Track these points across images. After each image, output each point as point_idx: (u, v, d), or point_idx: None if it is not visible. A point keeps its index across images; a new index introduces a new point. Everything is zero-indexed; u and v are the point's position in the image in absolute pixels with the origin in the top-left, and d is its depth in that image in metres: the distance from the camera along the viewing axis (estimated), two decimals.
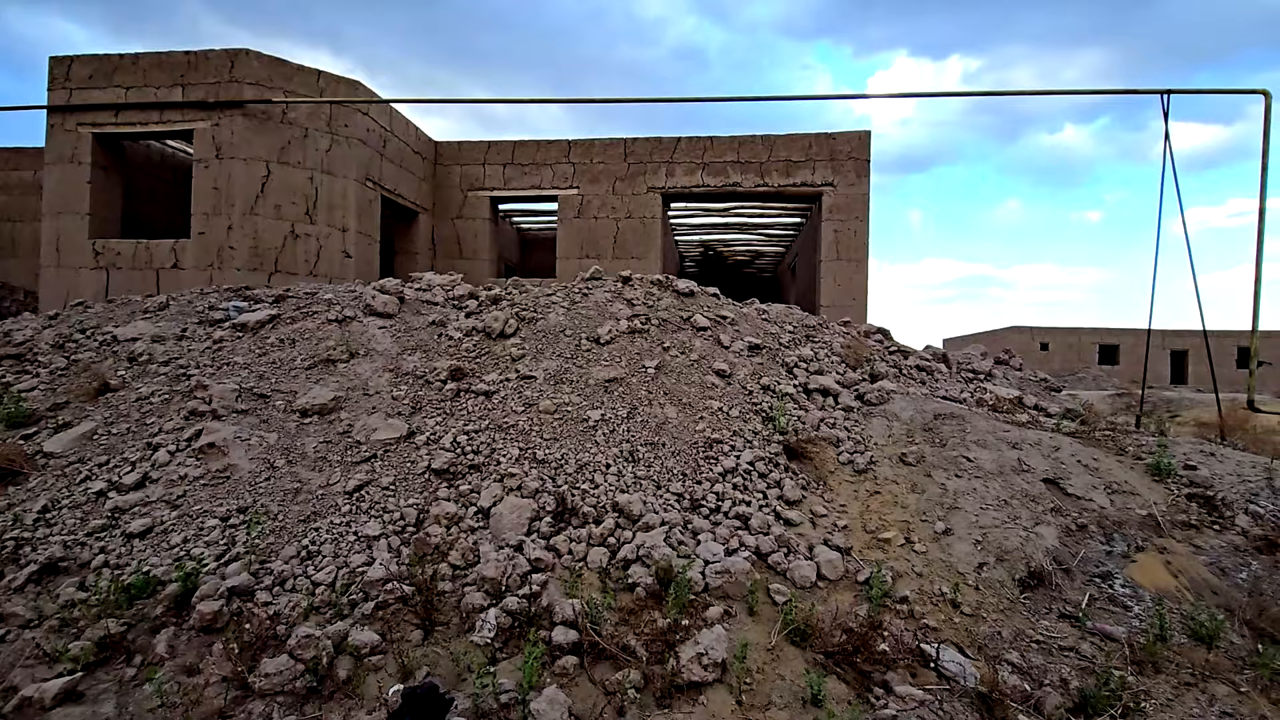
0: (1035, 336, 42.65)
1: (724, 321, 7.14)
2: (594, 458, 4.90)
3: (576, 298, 7.25)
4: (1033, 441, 5.56)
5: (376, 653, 3.23)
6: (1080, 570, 4.36)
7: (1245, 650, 3.76)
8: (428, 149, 13.61)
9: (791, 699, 3.06)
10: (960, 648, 3.62)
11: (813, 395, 6.33)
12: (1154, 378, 42.03)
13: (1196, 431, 7.28)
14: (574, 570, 3.97)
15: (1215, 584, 4.32)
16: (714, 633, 3.21)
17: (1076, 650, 3.69)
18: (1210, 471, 5.48)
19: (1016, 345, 42.99)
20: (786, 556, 4.17)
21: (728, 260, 24.75)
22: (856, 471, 5.25)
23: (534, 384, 5.70)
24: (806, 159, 12.93)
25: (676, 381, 5.92)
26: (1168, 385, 41.32)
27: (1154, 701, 3.34)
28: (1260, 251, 8.07)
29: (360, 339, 6.26)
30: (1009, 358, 11.84)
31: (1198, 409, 15.20)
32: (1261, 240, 8.07)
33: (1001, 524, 4.62)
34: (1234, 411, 7.05)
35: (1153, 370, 43.17)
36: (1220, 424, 7.59)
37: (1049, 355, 41.60)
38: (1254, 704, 3.34)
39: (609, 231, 13.35)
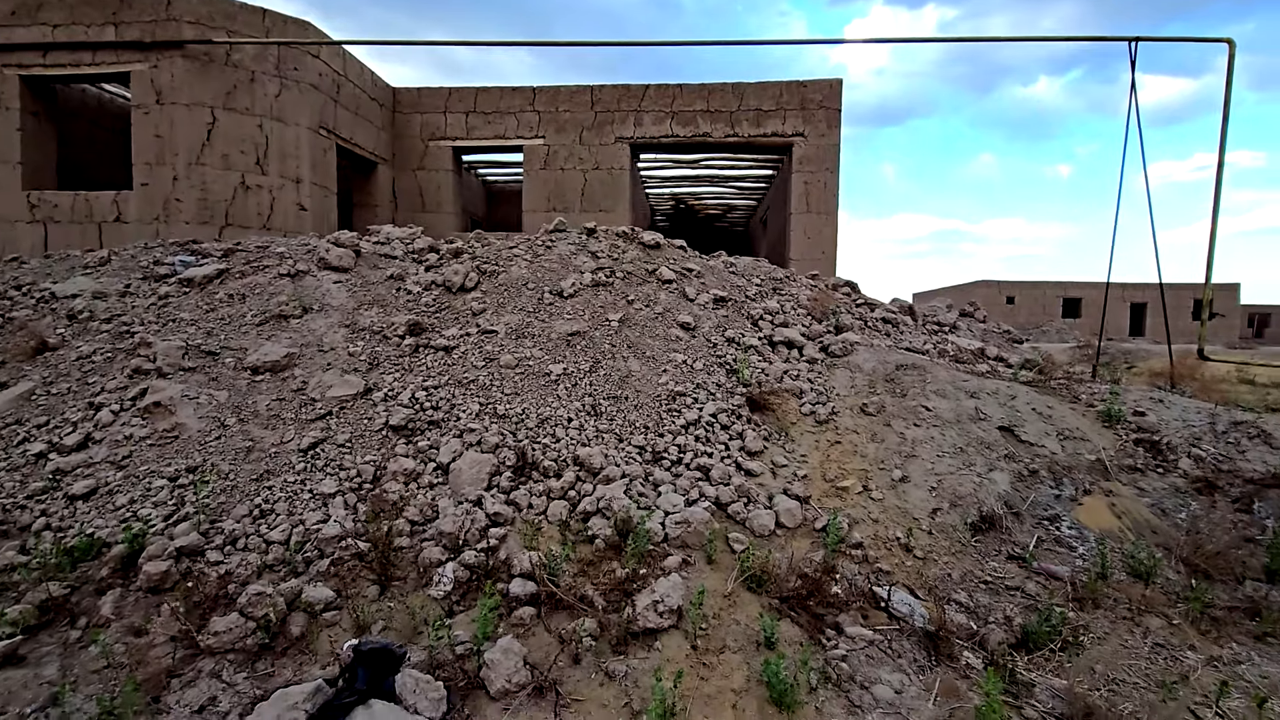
0: (1002, 290, 43.39)
1: (690, 274, 7.06)
2: (555, 412, 4.86)
3: (540, 250, 7.09)
4: (990, 391, 5.66)
5: (331, 609, 3.21)
6: (1030, 513, 4.49)
7: (1180, 586, 3.93)
8: (385, 96, 13.03)
9: (746, 642, 3.12)
10: (911, 589, 3.73)
11: (777, 347, 6.33)
12: (1113, 330, 43.22)
13: (1149, 380, 7.49)
14: (534, 524, 3.97)
15: (1156, 524, 4.50)
16: (670, 581, 3.24)
17: (1022, 589, 3.82)
18: (1158, 418, 5.66)
19: (984, 299, 43.71)
20: (746, 506, 4.22)
21: (699, 214, 24.48)
22: (818, 422, 5.29)
23: (495, 338, 5.60)
24: (777, 108, 12.68)
25: (640, 334, 5.86)
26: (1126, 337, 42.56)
27: (1092, 635, 3.48)
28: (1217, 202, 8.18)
29: (314, 294, 6.05)
30: (973, 310, 12.01)
31: (1154, 359, 15.68)
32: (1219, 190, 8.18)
33: (957, 471, 4.72)
34: (1184, 361, 7.26)
35: (1113, 323, 44.37)
36: (1171, 373, 7.82)
37: (1015, 309, 42.38)
38: (1184, 635, 3.51)
39: (576, 183, 13.04)
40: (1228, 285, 44.75)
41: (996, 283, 44.31)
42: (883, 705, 2.80)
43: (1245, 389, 9.19)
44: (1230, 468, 5.01)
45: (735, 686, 2.82)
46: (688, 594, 3.30)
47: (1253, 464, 5.00)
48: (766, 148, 13.08)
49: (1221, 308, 44.06)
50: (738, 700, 2.74)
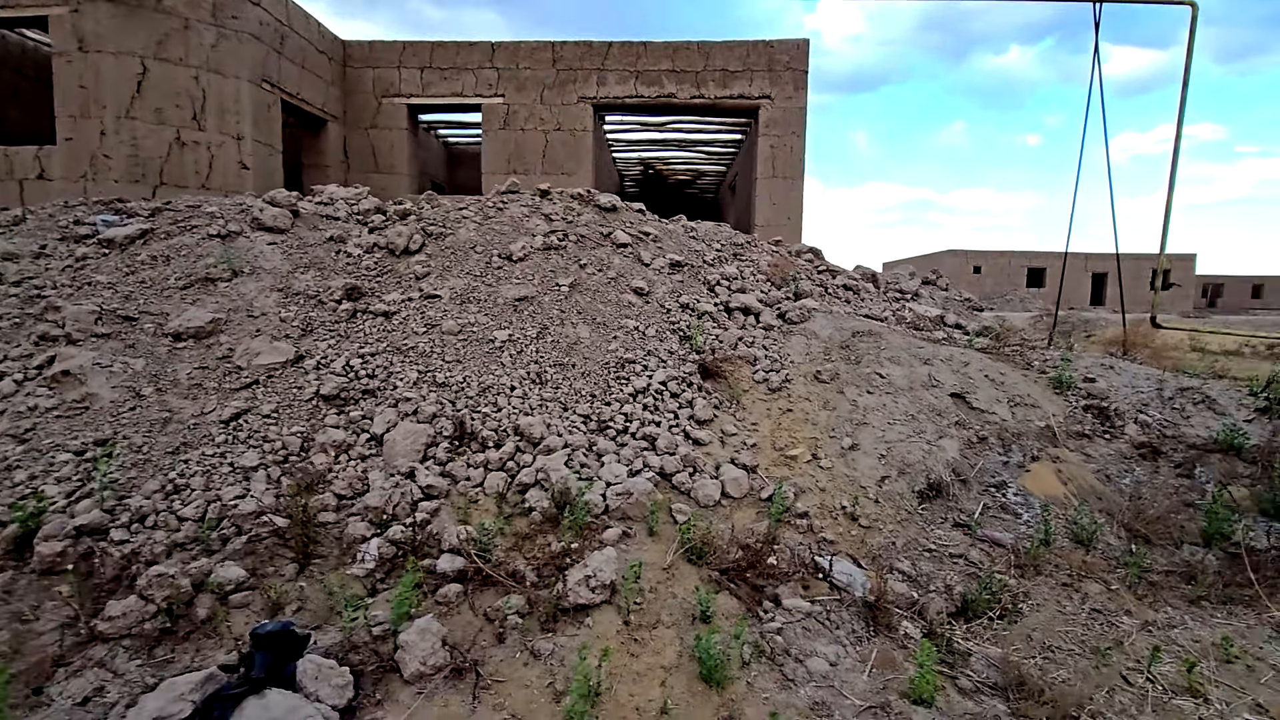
0: (969, 260, 43.89)
1: (646, 238, 6.85)
2: (498, 380, 4.67)
3: (490, 212, 6.79)
4: (944, 357, 5.61)
5: (243, 589, 3.02)
6: (977, 480, 4.46)
7: (1120, 551, 3.95)
8: (335, 49, 12.36)
9: (681, 616, 3.03)
10: (855, 559, 3.67)
11: (734, 314, 6.19)
12: (1075, 299, 44.13)
13: (1103, 348, 7.55)
14: (470, 497, 3.81)
15: (1100, 490, 4.51)
16: (604, 555, 3.11)
17: (965, 557, 3.79)
18: (1107, 384, 5.68)
19: (951, 268, 44.20)
20: (691, 476, 4.11)
21: (668, 180, 24.08)
22: (771, 390, 5.19)
23: (439, 303, 5.35)
24: (744, 69, 12.35)
25: (592, 300, 5.66)
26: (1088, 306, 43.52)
27: (1031, 602, 3.47)
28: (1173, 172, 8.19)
29: (246, 256, 5.71)
30: (936, 278, 12.00)
31: (1113, 328, 15.99)
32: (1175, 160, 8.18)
33: (906, 438, 4.67)
34: (1136, 329, 7.32)
35: (1075, 292, 45.30)
36: (1124, 340, 7.89)
37: (981, 278, 42.92)
38: (1121, 600, 3.51)
39: (538, 144, 12.61)
40: (1184, 256, 45.80)
41: (964, 252, 44.78)
42: (816, 678, 2.73)
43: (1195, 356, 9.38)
44: (1175, 433, 5.05)
45: (666, 663, 2.72)
46: (621, 567, 3.18)
47: (1196, 429, 5.05)
48: (733, 110, 12.77)
49: (1178, 278, 45.21)
50: (667, 677, 2.65)
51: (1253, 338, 7.77)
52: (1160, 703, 2.74)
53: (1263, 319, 29.66)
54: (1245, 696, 2.82)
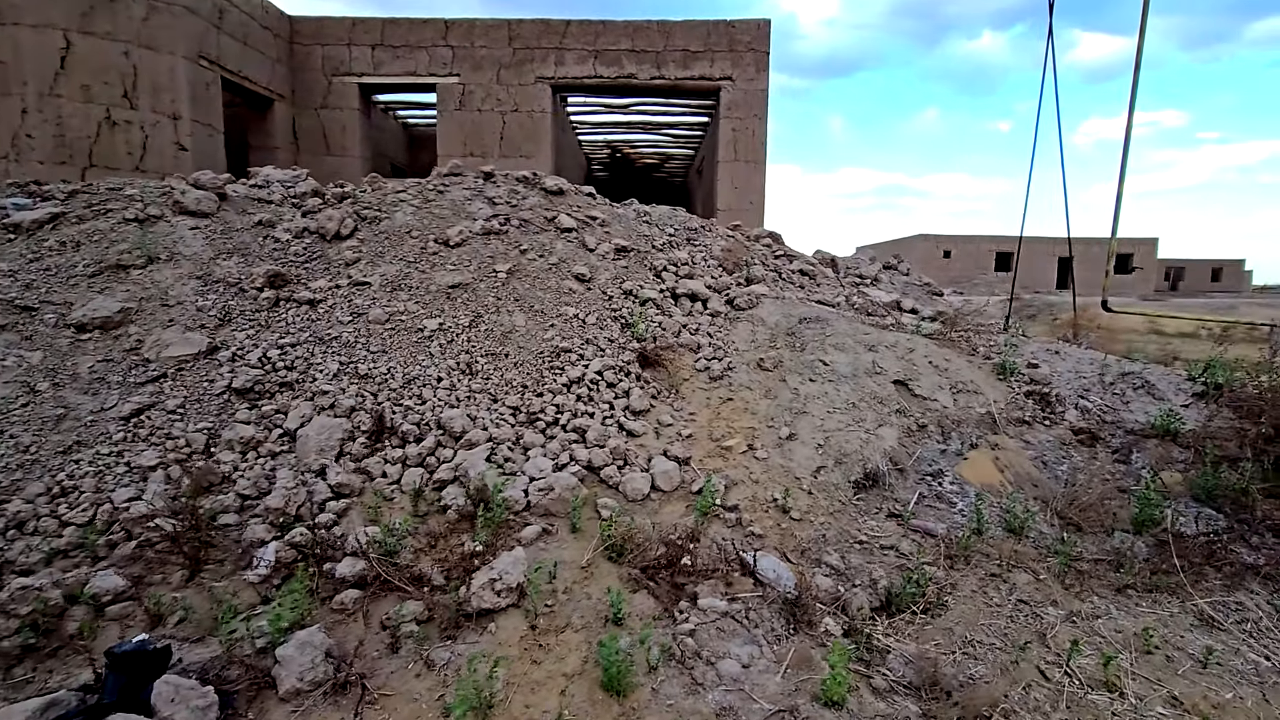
0: (939, 244, 44.27)
1: (593, 223, 6.66)
2: (425, 371, 4.48)
3: (431, 195, 6.54)
4: (889, 344, 5.54)
5: (123, 600, 2.82)
6: (914, 469, 4.40)
7: (1052, 539, 3.91)
8: (280, 25, 11.86)
9: (594, 619, 2.91)
10: (784, 553, 3.58)
11: (680, 300, 6.05)
12: (1041, 283, 44.83)
13: (1051, 332, 7.56)
14: (385, 494, 3.64)
15: (1037, 477, 4.48)
16: (512, 556, 2.97)
17: (897, 549, 3.72)
18: (1051, 370, 5.66)
19: (921, 253, 44.56)
20: (621, 469, 3.97)
21: (636, 164, 23.80)
22: (712, 378, 5.07)
23: (368, 291, 5.13)
24: (705, 49, 12.12)
25: (531, 287, 5.48)
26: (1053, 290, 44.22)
27: (958, 594, 3.41)
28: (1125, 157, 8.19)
29: (164, 241, 5.41)
30: (897, 263, 11.98)
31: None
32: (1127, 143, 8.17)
33: (845, 427, 4.59)
34: (1084, 313, 7.34)
35: (1041, 276, 46.00)
36: (1075, 325, 7.93)
37: (951, 262, 43.33)
38: (1048, 590, 3.47)
39: (495, 126, 12.28)
40: (1147, 240, 46.66)
41: (934, 237, 45.16)
42: (726, 681, 2.63)
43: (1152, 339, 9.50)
44: (1114, 419, 5.04)
45: (569, 670, 2.60)
46: (529, 569, 3.05)
47: (1135, 415, 5.05)
48: (694, 91, 12.55)
49: (1141, 262, 46.14)
50: (568, 685, 2.53)
51: (1203, 320, 7.86)
52: (1076, 698, 2.69)
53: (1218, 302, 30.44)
54: (1162, 689, 2.79)
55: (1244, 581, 3.62)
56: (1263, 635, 3.21)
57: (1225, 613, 3.36)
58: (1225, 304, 28.88)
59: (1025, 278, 44.31)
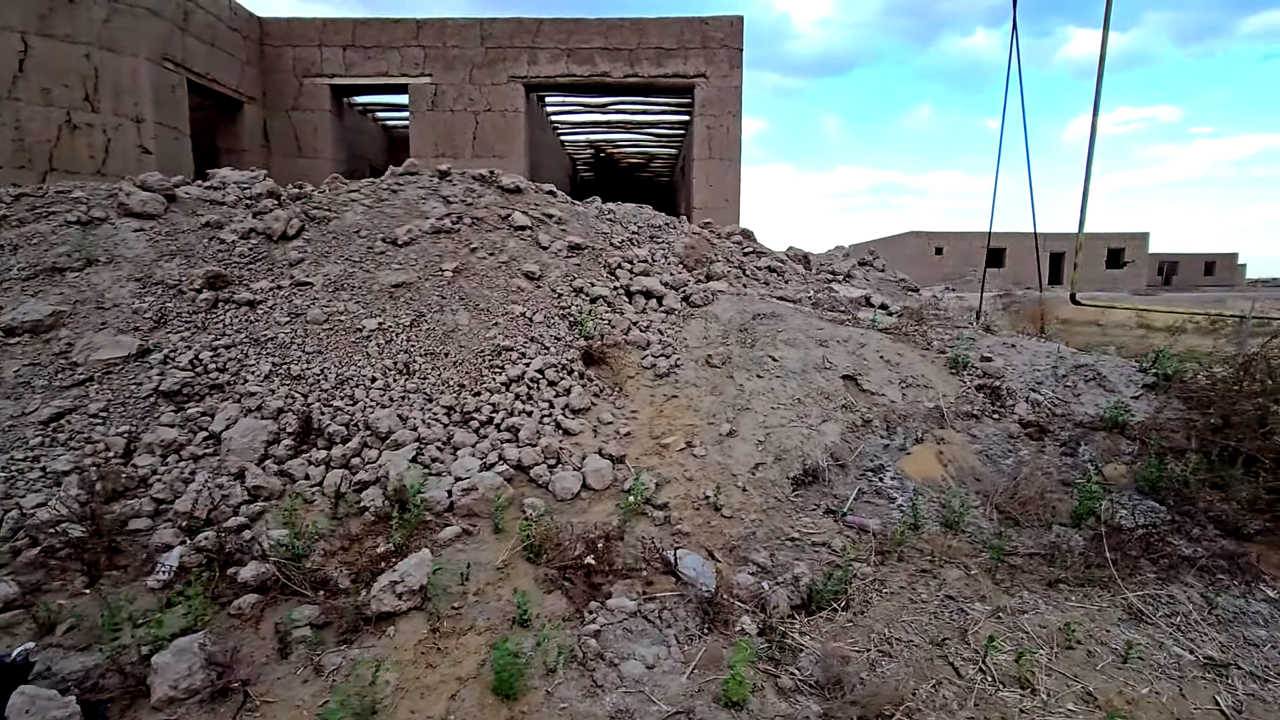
0: (931, 241, 44.24)
1: (549, 220, 6.60)
2: (360, 371, 4.42)
3: (384, 195, 6.48)
4: (842, 339, 5.49)
5: (12, 608, 2.76)
6: (856, 465, 4.35)
7: (989, 534, 3.86)
8: (250, 26, 11.79)
9: (500, 621, 2.85)
10: (711, 551, 3.52)
11: (635, 297, 5.99)
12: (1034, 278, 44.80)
13: (1013, 325, 7.51)
14: (306, 497, 3.58)
15: (981, 471, 4.43)
16: (417, 558, 2.91)
17: (829, 545, 3.66)
18: (1005, 363, 5.61)
19: (913, 250, 44.56)
20: (551, 468, 3.92)
21: (621, 164, 23.76)
22: (658, 376, 5.01)
23: (309, 291, 5.06)
24: (679, 46, 12.07)
25: (479, 285, 5.42)
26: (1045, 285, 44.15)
27: (886, 590, 3.35)
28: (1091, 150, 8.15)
29: (105, 244, 5.34)
30: (873, 259, 11.94)
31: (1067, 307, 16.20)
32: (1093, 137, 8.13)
33: (788, 423, 4.53)
34: (1042, 305, 7.31)
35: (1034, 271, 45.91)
36: (1040, 318, 7.89)
37: (943, 259, 43.25)
38: (978, 586, 3.42)
39: (467, 126, 12.22)
40: (1138, 234, 46.68)
41: (925, 234, 45.15)
42: (627, 683, 2.57)
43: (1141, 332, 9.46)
44: (1064, 411, 5.00)
45: (464, 674, 2.54)
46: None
47: (1085, 407, 5.00)
48: (668, 89, 12.50)
49: (1132, 256, 46.15)
50: (460, 690, 2.46)
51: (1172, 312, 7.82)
52: (985, 696, 2.64)
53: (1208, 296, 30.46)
54: (1076, 685, 2.73)
55: (1179, 574, 3.57)
56: (1190, 629, 3.16)
57: (1155, 606, 3.30)
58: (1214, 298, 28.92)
59: (1019, 274, 44.35)
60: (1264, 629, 3.20)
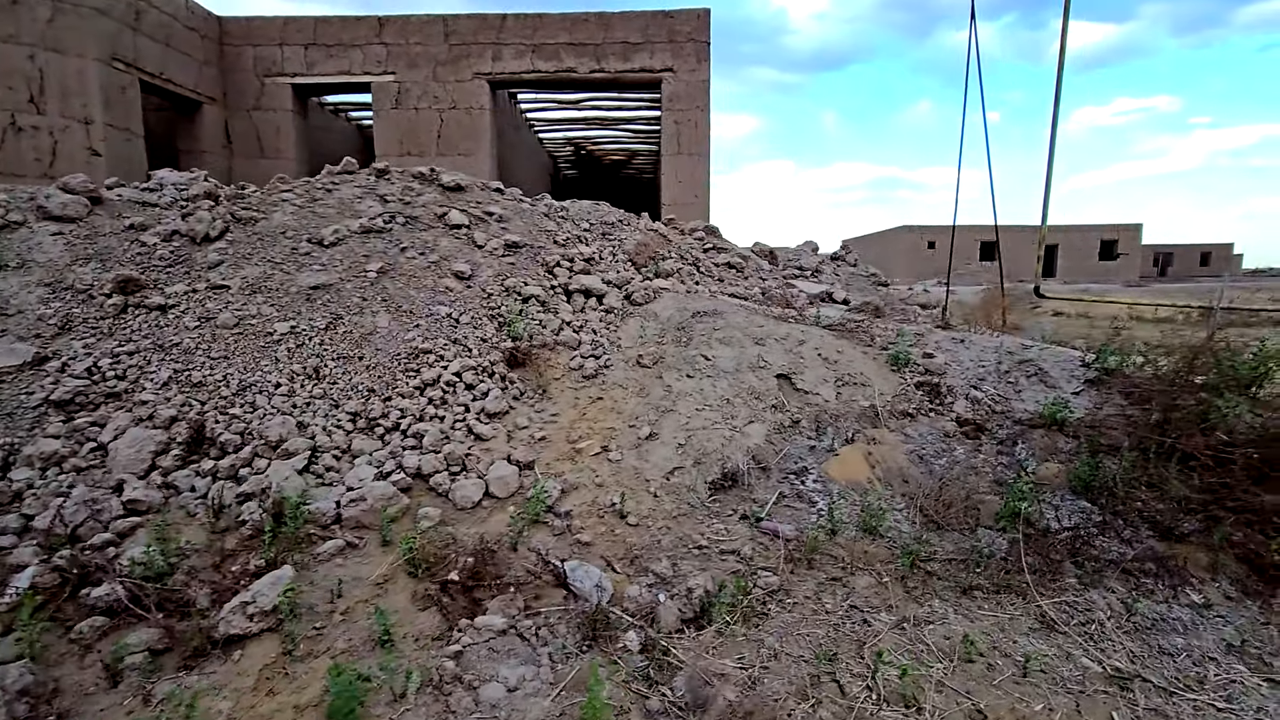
0: (923, 235, 44.07)
1: (489, 218, 6.44)
2: (265, 377, 4.26)
3: (318, 194, 6.32)
4: (780, 336, 5.33)
5: None
6: (779, 468, 4.19)
7: (911, 538, 3.71)
8: (208, 25, 11.61)
9: (362, 641, 2.69)
10: (609, 562, 3.37)
11: (574, 296, 5.83)
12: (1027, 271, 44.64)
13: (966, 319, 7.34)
14: (189, 510, 3.42)
15: (911, 472, 4.27)
16: (274, 575, 2.76)
17: (739, 553, 3.51)
18: (951, 359, 5.45)
19: (906, 245, 44.40)
20: (453, 476, 3.76)
21: (604, 161, 23.58)
22: (585, 377, 4.86)
23: (224, 295, 4.90)
24: (645, 40, 11.89)
25: (404, 286, 5.26)
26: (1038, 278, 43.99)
27: (789, 600, 3.20)
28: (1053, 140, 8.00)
29: (18, 248, 5.18)
30: (845, 254, 11.79)
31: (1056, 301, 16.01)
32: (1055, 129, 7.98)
33: (711, 425, 4.37)
34: (993, 298, 7.15)
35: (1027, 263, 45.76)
36: (1004, 311, 7.74)
37: (936, 253, 43.01)
38: (888, 594, 3.26)
39: (432, 124, 12.05)
40: (1131, 226, 46.53)
41: (918, 228, 44.97)
42: (484, 708, 2.42)
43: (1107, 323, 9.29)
44: (1004, 409, 4.84)
45: (305, 701, 2.38)
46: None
47: (1026, 404, 4.84)
48: (635, 84, 12.33)
49: (1125, 248, 45.99)
50: (297, 718, 2.31)
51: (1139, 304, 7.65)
52: (866, 715, 2.48)
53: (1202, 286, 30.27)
54: (967, 701, 2.58)
55: (1103, 579, 3.42)
56: (1104, 638, 3.00)
57: (1070, 614, 3.15)
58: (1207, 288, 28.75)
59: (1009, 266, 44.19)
60: (1182, 637, 3.05)
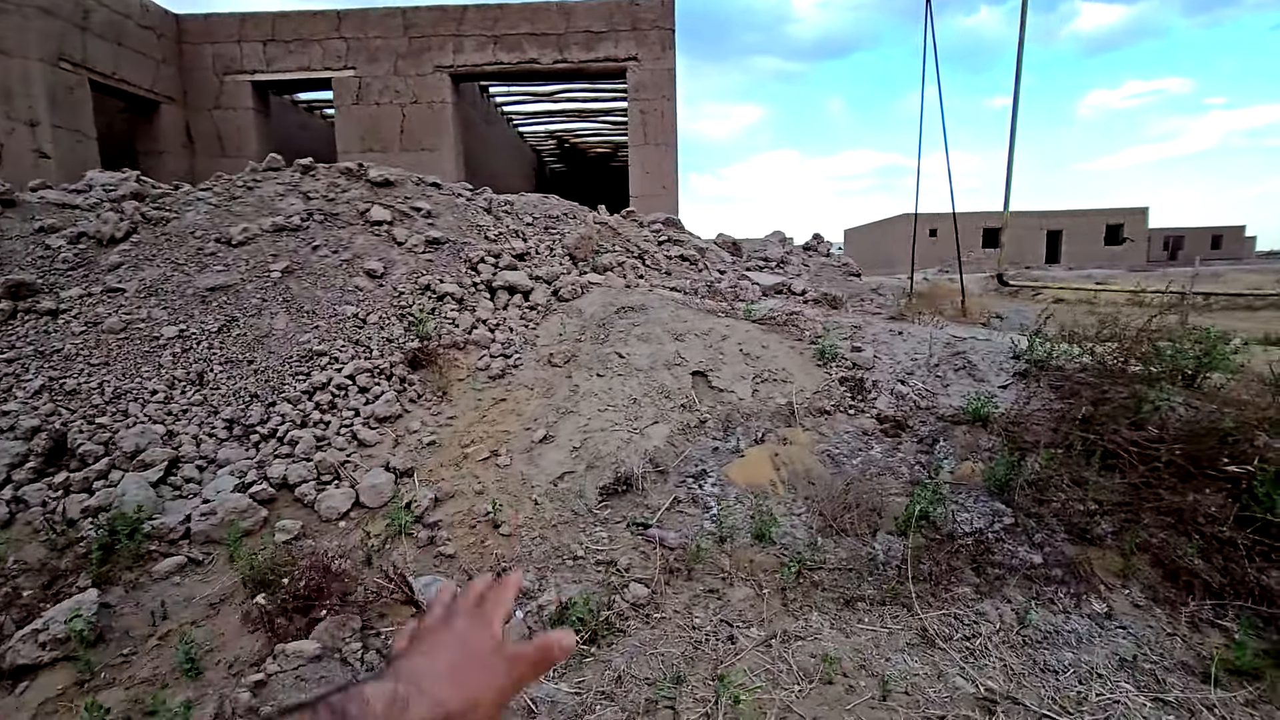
0: (924, 223, 43.43)
1: (416, 214, 6.24)
2: (143, 384, 4.09)
3: (238, 192, 6.15)
4: (702, 331, 5.11)
5: None
6: (679, 471, 3.98)
7: (805, 545, 3.49)
8: (165, 24, 11.45)
9: (172, 669, 2.51)
10: (472, 575, 3.17)
11: (497, 293, 5.63)
12: (1032, 257, 44.06)
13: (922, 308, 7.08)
14: (35, 526, 3.26)
15: (819, 473, 4.05)
16: (76, 600, 2.58)
17: (615, 564, 3.31)
18: (885, 351, 5.21)
19: (906, 232, 43.75)
20: (321, 486, 3.58)
21: (589, 154, 23.33)
22: (491, 377, 4.66)
23: (119, 298, 4.74)
24: (609, 29, 11.63)
25: (311, 286, 5.08)
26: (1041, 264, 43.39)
27: (658, 615, 3.00)
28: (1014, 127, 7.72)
29: None
30: (817, 244, 11.52)
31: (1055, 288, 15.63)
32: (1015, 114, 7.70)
33: (612, 426, 4.17)
34: (936, 287, 6.88)
35: (1030, 250, 45.20)
36: (963, 301, 7.47)
37: (938, 240, 42.41)
38: (764, 607, 3.06)
39: (394, 120, 11.86)
40: (1137, 209, 45.79)
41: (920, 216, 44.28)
42: None
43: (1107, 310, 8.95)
44: (930, 404, 4.60)
45: None
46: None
47: (952, 398, 4.60)
48: (600, 74, 12.08)
49: (1131, 232, 45.22)
50: None
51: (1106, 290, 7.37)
52: None
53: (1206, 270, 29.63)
54: None
55: (1003, 587, 3.19)
56: (986, 654, 2.78)
57: (956, 627, 2.93)
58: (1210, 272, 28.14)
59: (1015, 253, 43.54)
60: (1073, 651, 2.82)
